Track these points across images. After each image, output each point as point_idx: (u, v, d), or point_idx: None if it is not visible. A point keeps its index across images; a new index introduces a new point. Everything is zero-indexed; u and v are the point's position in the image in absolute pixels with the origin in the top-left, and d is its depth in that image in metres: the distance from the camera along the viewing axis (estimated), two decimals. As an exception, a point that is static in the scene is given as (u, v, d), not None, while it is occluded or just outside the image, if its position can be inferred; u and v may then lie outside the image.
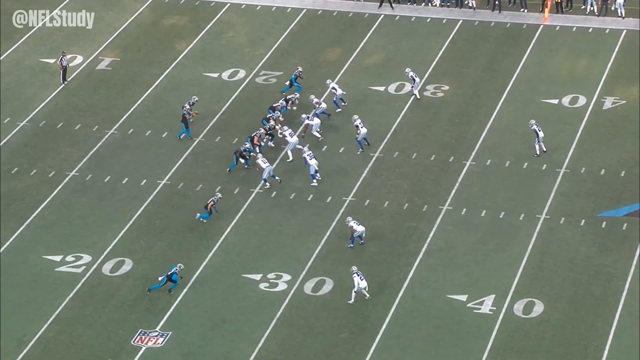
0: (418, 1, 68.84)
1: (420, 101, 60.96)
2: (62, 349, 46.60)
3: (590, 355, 45.58)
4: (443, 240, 51.83)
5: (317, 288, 49.55)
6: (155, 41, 67.49)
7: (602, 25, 66.10)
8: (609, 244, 51.12)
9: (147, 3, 70.27)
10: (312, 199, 54.48)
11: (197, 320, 47.98)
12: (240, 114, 60.54)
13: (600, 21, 66.46)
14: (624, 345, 45.87)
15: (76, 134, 59.43)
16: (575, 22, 66.71)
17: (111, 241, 52.26)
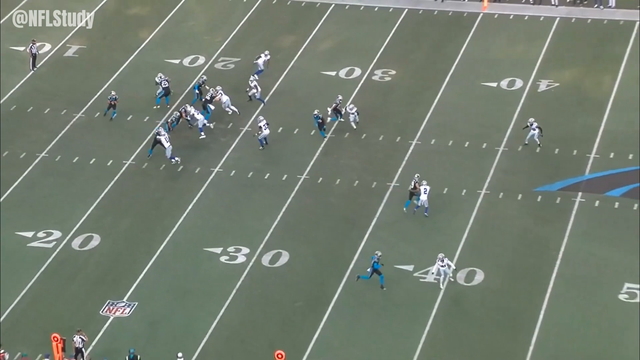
0: (366, -9, 69.03)
1: (370, 83, 61.16)
2: (34, 320, 46.66)
3: (527, 319, 46.07)
4: (391, 215, 52.16)
5: (274, 260, 49.80)
6: (119, 29, 67.33)
7: (537, 13, 66.39)
8: (544, 216, 51.56)
9: (111, -7, 70.25)
10: (268, 178, 54.61)
11: (162, 291, 48.14)
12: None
13: (535, 9, 66.76)
14: (557, 310, 46.47)
15: (45, 118, 59.29)
16: (513, 10, 66.94)
17: (80, 218, 52.26)
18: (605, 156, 55.10)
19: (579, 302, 46.89)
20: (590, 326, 45.79)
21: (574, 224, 51.03)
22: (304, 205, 52.71)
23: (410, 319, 46.32)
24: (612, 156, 55.05)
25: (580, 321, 46.01)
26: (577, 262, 48.91)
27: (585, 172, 54.20)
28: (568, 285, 47.77)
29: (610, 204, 52.15)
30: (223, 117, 58.33)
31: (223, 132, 57.39)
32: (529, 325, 45.92)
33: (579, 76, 61.25)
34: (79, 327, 45.10)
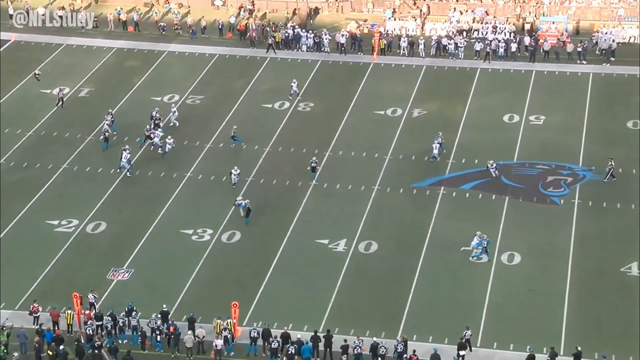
0: (291, 47, 68.24)
1: (296, 112, 60.48)
2: (61, 283, 45.39)
3: (407, 274, 45.90)
4: (312, 205, 51.55)
5: (230, 237, 48.94)
6: (119, 76, 65.82)
7: (410, 62, 66.24)
8: (419, 203, 51.39)
9: (112, 52, 68.48)
10: (226, 179, 53.63)
11: (152, 261, 47.22)
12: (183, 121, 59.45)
13: (409, 60, 66.57)
14: (428, 268, 46.40)
15: (66, 140, 57.71)
16: (393, 60, 66.71)
17: (91, 210, 50.97)
18: (459, 161, 54.94)
19: (442, 262, 46.70)
20: (452, 278, 45.66)
21: (439, 208, 50.79)
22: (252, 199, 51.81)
23: (326, 278, 45.80)
24: (464, 161, 54.90)
25: (444, 275, 45.81)
26: (442, 234, 48.72)
27: (446, 173, 54.05)
28: (436, 250, 47.58)
29: (463, 194, 52.05)
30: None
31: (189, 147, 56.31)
32: (409, 280, 45.58)
33: (440, 106, 61.12)
34: (92, 288, 44.03)
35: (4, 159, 55.63)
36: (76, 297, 42.24)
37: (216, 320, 41.76)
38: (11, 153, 56.32)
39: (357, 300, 44.44)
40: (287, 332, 41.28)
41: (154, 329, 41.64)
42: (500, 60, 65.36)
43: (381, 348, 40.33)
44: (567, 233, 48.52)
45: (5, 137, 57.84)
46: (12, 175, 54.26)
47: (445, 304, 44.05)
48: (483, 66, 65.14)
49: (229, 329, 41.20)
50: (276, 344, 40.74)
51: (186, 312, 42.96)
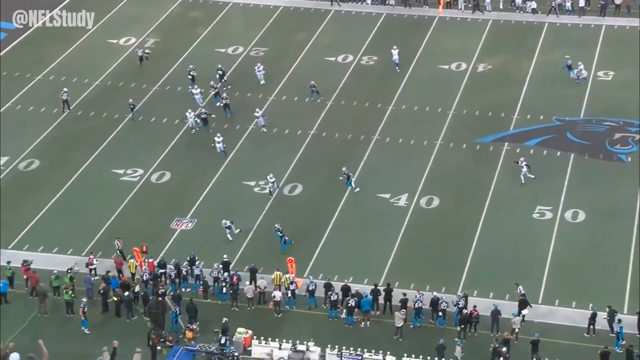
0: (356, 0, 67.28)
1: (360, 66, 59.81)
2: (126, 231, 45.66)
3: (469, 230, 45.41)
4: (374, 159, 51.12)
5: (292, 190, 48.85)
6: (183, 27, 65.71)
7: (476, 16, 64.76)
8: (481, 160, 50.61)
9: (176, 3, 68.22)
10: (288, 132, 53.43)
11: (213, 211, 47.29)
12: (240, 75, 59.17)
13: (475, 14, 65.06)
14: (490, 225, 45.80)
15: (132, 90, 57.90)
16: (459, 14, 65.31)
17: (156, 160, 51.22)
18: (523, 117, 53.86)
19: (504, 219, 46.06)
20: (513, 235, 45.05)
21: (502, 165, 49.99)
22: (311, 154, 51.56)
23: (388, 232, 45.52)
24: (529, 117, 53.80)
25: (506, 231, 45.23)
26: (505, 191, 47.95)
27: (510, 128, 53.06)
28: (498, 207, 46.89)
29: (527, 150, 51.07)
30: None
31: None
32: (470, 235, 45.10)
33: (505, 61, 59.84)
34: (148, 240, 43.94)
35: (72, 107, 56.13)
36: (136, 252, 42.57)
37: (276, 272, 41.85)
38: (78, 102, 56.82)
39: (417, 255, 44.14)
40: (348, 285, 41.23)
41: (217, 279, 41.93)
42: (568, 14, 63.70)
43: (442, 303, 40.02)
44: (633, 191, 47.40)
45: (74, 86, 58.32)
46: (79, 124, 54.76)
47: (507, 260, 43.49)
48: (550, 20, 63.52)
49: (287, 285, 41.25)
50: (336, 297, 40.73)
51: (248, 263, 43.12)
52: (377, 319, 40.70)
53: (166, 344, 38.93)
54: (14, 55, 61.93)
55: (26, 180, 49.89)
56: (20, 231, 45.72)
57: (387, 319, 40.55)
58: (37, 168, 51.01)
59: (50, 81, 59.04)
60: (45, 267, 42.93)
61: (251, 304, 41.39)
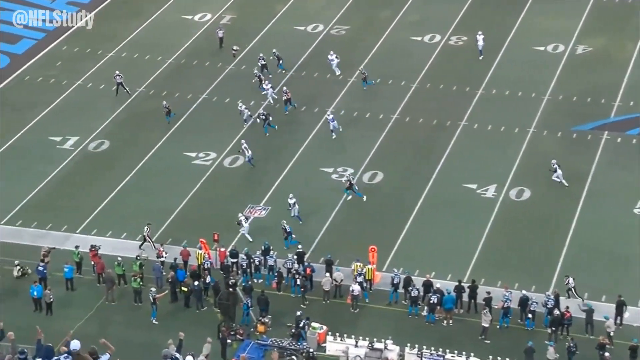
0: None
1: (447, 46, 59.24)
2: (196, 216, 46.24)
3: (562, 224, 44.69)
4: (460, 146, 50.53)
5: (372, 178, 48.65)
6: (260, 3, 65.91)
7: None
8: (578, 149, 49.61)
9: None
10: (369, 116, 53.23)
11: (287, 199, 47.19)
12: (318, 55, 59.16)
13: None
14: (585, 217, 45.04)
15: (206, 69, 58.35)
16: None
17: (230, 143, 51.50)
18: (626, 104, 52.57)
19: (601, 214, 45.08)
20: (612, 231, 44.11)
21: (601, 155, 48.92)
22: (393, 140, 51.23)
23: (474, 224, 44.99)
24: (632, 104, 52.50)
25: (603, 227, 44.34)
26: (603, 183, 46.99)
27: (611, 116, 51.84)
28: (594, 201, 45.97)
29: (629, 140, 49.86)
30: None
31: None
32: (564, 231, 44.29)
33: (607, 42, 58.48)
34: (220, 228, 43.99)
35: (144, 86, 56.87)
36: (204, 243, 42.88)
37: (355, 264, 41.74)
38: (151, 80, 57.51)
39: (505, 250, 43.50)
40: (429, 280, 40.88)
41: (290, 270, 42.03)
42: (678, -7, 62.03)
43: (532, 303, 39.30)
44: None
45: (146, 63, 59.07)
46: (151, 104, 55.42)
47: (604, 257, 42.54)
48: (658, -1, 61.92)
49: (364, 275, 41.12)
50: (416, 292, 40.43)
51: (324, 253, 43.12)
52: (461, 317, 40.24)
53: (237, 337, 39.19)
54: (86, 31, 62.98)
55: (95, 161, 50.75)
56: (89, 215, 46.52)
57: (471, 317, 40.07)
58: (107, 149, 51.81)
59: (123, 58, 59.92)
60: (113, 252, 43.58)
61: (327, 298, 41.37)
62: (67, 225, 45.64)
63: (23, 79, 58.15)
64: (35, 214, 46.52)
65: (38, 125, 53.59)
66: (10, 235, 45.15)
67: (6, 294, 41.32)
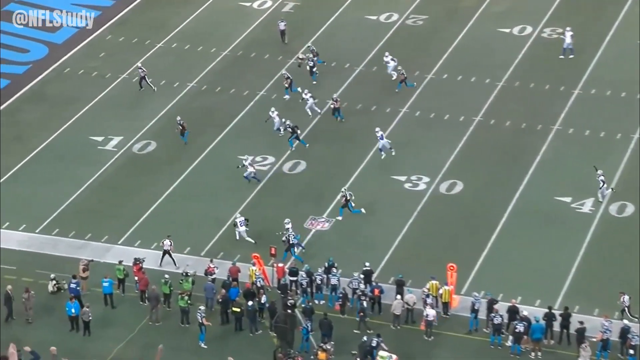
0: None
1: (540, 39, 58.55)
2: (250, 228, 46.04)
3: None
4: (553, 153, 49.86)
5: (450, 188, 48.20)
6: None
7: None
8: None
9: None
10: (448, 118, 52.82)
11: (355, 209, 47.19)
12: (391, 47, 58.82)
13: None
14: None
15: (265, 62, 58.41)
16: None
17: (288, 148, 51.29)
18: None
19: None
20: None
21: None
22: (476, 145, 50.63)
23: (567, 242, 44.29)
24: None
25: None
26: None
27: None
28: None
29: None
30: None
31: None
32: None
33: None
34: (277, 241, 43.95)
35: (196, 81, 57.16)
36: (257, 258, 42.75)
37: (432, 282, 41.22)
38: (204, 75, 57.78)
39: (605, 274, 42.63)
40: (515, 306, 40.25)
41: (356, 290, 41.73)
42: None
43: (633, 337, 38.31)
44: None
45: (198, 55, 59.38)
46: (203, 101, 55.63)
47: None
48: None
49: (432, 296, 40.63)
50: (500, 319, 39.83)
51: (394, 273, 42.73)
52: (551, 349, 39.53)
53: (294, 364, 39.05)
54: (133, 18, 63.65)
55: (141, 164, 51.08)
56: (132, 224, 46.76)
57: (563, 350, 39.37)
58: (154, 151, 52.11)
59: (172, 49, 60.39)
60: (157, 266, 43.70)
61: (397, 323, 40.95)
62: (107, 235, 45.88)
63: (62, 71, 58.94)
64: (73, 222, 46.93)
65: (78, 123, 54.18)
66: (46, 245, 45.61)
67: (40, 310, 41.65)
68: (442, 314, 41.01)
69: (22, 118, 54.78)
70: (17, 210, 47.54)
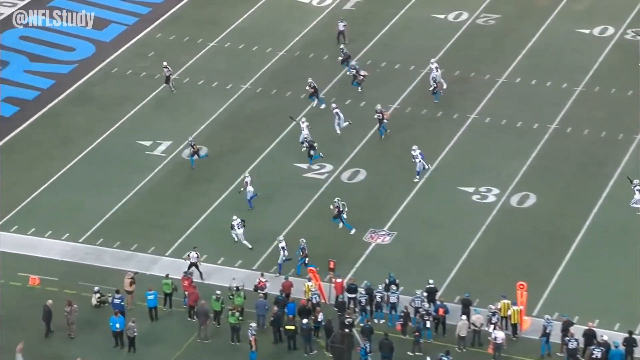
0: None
1: (623, 41, 58.28)
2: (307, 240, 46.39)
3: None
4: (635, 165, 49.51)
5: (522, 201, 48.20)
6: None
7: None
8: None
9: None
10: (521, 125, 52.85)
11: (417, 223, 47.38)
12: (460, 49, 59.05)
13: None
14: None
15: (324, 63, 58.86)
16: None
17: (349, 154, 51.71)
18: None
19: None
20: None
21: None
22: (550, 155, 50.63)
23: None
24: None
25: None
26: None
27: None
28: None
29: None
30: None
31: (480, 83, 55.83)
32: None
33: None
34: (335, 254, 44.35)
35: (250, 83, 57.67)
36: (313, 272, 43.12)
37: (503, 301, 41.29)
38: (258, 76, 58.31)
39: None
40: (592, 330, 40.14)
41: (419, 310, 41.92)
42: None
43: None
44: None
45: (253, 55, 59.91)
46: (258, 104, 56.11)
47: None
48: None
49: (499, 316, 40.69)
50: (575, 344, 39.77)
51: (460, 292, 42.90)
52: (630, 377, 39.49)
53: (351, 388, 39.31)
54: (185, 15, 64.35)
55: (190, 171, 51.54)
56: (181, 234, 47.27)
57: (645, 379, 39.28)
58: (205, 156, 52.60)
59: (225, 49, 61.03)
60: (207, 281, 44.22)
61: (462, 345, 41.11)
62: (154, 246, 46.51)
63: (110, 71, 59.66)
64: (118, 232, 47.53)
65: (125, 126, 54.85)
66: (89, 255, 46.22)
67: (82, 325, 42.18)
68: (510, 337, 41.09)
69: (67, 120, 55.56)
70: (60, 218, 48.30)
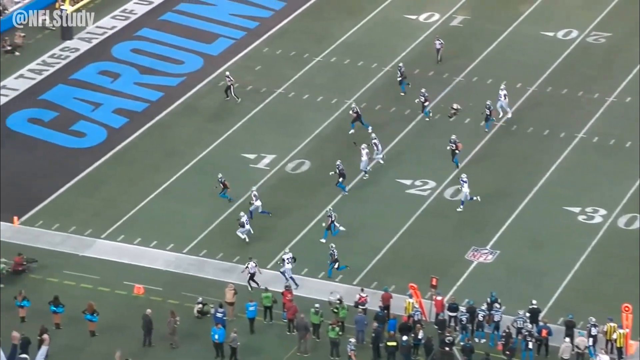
0: None
1: None
2: (408, 257, 46.28)
3: None
4: None
5: (630, 222, 47.26)
6: (501, 2, 65.47)
7: None
8: None
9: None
10: (630, 145, 51.85)
11: (521, 241, 46.73)
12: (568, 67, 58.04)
13: None
14: None
15: (429, 80, 58.35)
16: None
17: (452, 171, 51.21)
18: None
19: None
20: None
21: None
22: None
23: None
24: None
25: None
26: None
27: None
28: None
29: None
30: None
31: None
32: None
33: None
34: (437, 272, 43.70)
35: (355, 98, 57.44)
36: (414, 289, 42.66)
37: (608, 324, 40.34)
38: (363, 91, 58.10)
39: None
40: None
41: (521, 330, 41.24)
42: None
43: None
44: None
45: (358, 71, 59.78)
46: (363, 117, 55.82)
47: None
48: None
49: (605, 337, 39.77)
50: (682, 370, 38.66)
51: (563, 313, 42.04)
52: None
53: (450, 408, 38.83)
54: (292, 30, 64.53)
55: (293, 184, 51.65)
56: (281, 248, 47.15)
57: None
58: (308, 170, 52.69)
59: (331, 64, 61.04)
60: (306, 294, 44.15)
61: (565, 369, 40.32)
62: (256, 259, 46.38)
63: (217, 84, 60.01)
64: (221, 244, 47.70)
65: (230, 139, 55.12)
66: (192, 266, 46.55)
67: (184, 335, 42.44)
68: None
69: (174, 132, 56.11)
70: (165, 228, 48.72)
